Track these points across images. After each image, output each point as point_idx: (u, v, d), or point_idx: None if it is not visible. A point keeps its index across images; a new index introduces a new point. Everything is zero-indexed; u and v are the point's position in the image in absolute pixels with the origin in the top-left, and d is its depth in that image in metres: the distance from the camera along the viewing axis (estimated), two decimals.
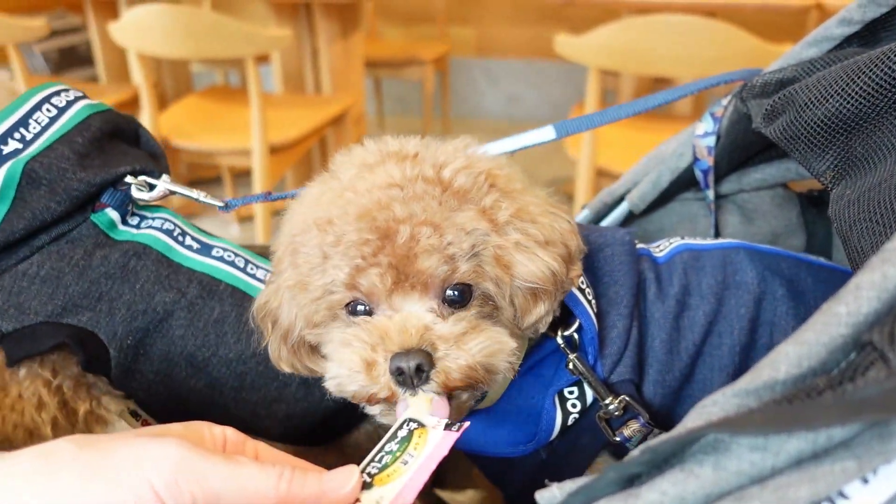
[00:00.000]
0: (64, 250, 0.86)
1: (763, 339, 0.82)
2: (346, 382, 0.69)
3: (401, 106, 5.25)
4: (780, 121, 0.79)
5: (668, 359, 0.81)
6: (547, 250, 0.72)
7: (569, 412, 0.80)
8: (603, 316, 0.81)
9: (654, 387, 0.81)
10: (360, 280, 0.69)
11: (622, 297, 0.81)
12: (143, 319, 0.87)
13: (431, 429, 0.64)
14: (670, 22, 2.25)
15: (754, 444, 0.43)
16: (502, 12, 4.97)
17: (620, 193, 1.11)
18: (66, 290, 0.84)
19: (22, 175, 0.82)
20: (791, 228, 1.04)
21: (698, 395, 0.81)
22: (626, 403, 0.78)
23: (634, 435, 0.78)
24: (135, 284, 0.87)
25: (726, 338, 0.82)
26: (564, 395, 0.80)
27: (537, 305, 0.74)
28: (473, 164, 0.74)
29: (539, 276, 0.71)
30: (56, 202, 0.84)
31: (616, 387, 0.79)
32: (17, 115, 0.86)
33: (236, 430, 0.64)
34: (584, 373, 0.78)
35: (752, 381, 0.46)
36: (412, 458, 0.61)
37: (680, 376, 0.82)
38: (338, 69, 3.35)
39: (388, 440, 0.64)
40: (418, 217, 0.68)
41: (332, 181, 0.75)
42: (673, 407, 0.83)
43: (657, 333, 0.82)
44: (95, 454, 0.54)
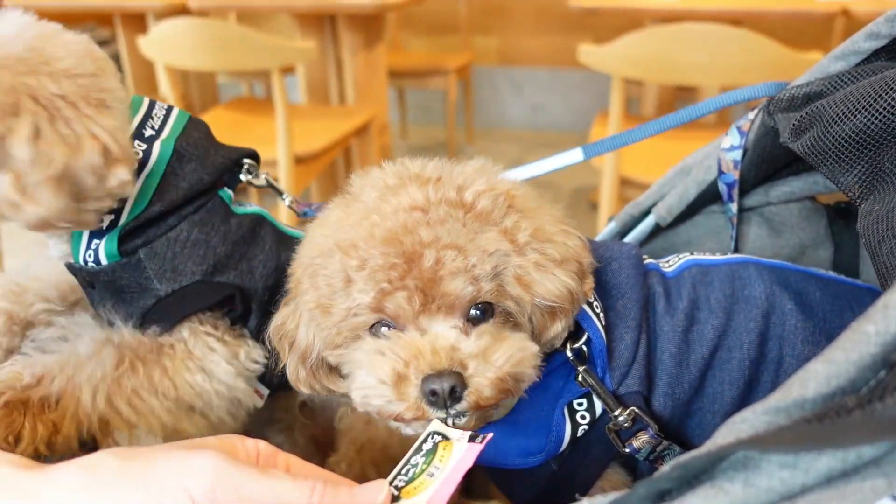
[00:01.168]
0: (206, 219, 0.94)
1: (772, 353, 0.82)
2: (373, 395, 0.70)
3: (424, 115, 5.28)
4: (807, 136, 0.79)
5: (677, 371, 0.82)
6: (563, 269, 0.74)
7: (578, 424, 0.81)
8: (611, 328, 0.82)
9: (664, 399, 0.82)
10: (387, 303, 0.70)
11: (630, 309, 0.83)
12: (274, 277, 0.96)
13: (456, 441, 0.66)
14: (695, 30, 2.25)
15: (784, 461, 0.43)
16: (525, 21, 4.98)
17: (647, 206, 1.11)
18: (215, 252, 0.93)
19: (173, 152, 0.92)
20: (819, 240, 1.04)
21: (708, 407, 0.82)
22: (635, 415, 0.79)
23: (644, 446, 0.79)
24: (264, 247, 0.97)
25: (736, 351, 0.82)
26: (574, 407, 0.81)
27: (555, 323, 0.76)
28: (494, 187, 0.75)
29: (557, 294, 0.73)
30: (207, 174, 0.94)
31: (625, 398, 0.80)
32: (143, 108, 0.94)
33: (268, 444, 0.65)
34: (594, 385, 0.79)
35: (781, 398, 0.47)
36: (438, 470, 0.63)
37: (690, 389, 0.83)
38: (362, 80, 3.38)
39: (414, 453, 0.65)
40: (443, 240, 0.69)
41: (354, 204, 0.77)
42: (683, 419, 0.84)
43: (666, 346, 0.83)
44: (137, 466, 0.55)
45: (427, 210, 0.72)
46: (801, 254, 1.04)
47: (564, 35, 4.88)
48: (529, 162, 1.02)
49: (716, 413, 0.83)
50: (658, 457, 0.81)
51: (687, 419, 0.84)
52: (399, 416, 0.69)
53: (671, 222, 1.09)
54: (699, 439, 0.84)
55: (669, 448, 0.80)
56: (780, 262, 0.91)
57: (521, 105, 5.23)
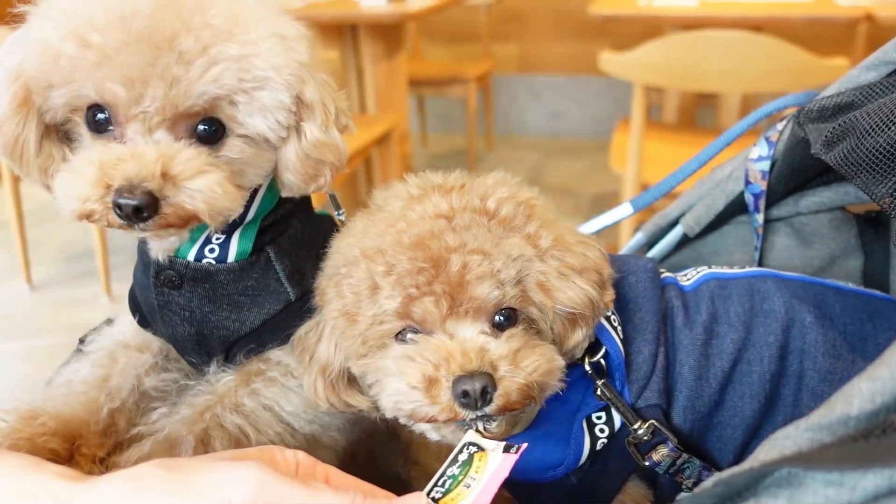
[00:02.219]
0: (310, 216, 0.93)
1: (793, 366, 0.82)
2: (404, 400, 0.71)
3: (444, 123, 5.29)
4: (840, 147, 0.79)
5: (697, 385, 0.83)
6: (583, 277, 0.75)
7: (597, 437, 0.81)
8: (629, 342, 0.83)
9: (684, 412, 0.83)
10: (414, 308, 0.71)
11: (647, 322, 0.83)
12: None
13: (491, 452, 0.66)
14: (717, 37, 2.24)
15: (829, 479, 0.43)
16: (544, 29, 4.98)
17: (674, 217, 1.11)
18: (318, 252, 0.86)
19: None
20: (849, 250, 1.03)
21: (729, 421, 0.83)
22: (655, 428, 0.79)
23: (663, 460, 0.80)
24: None
25: (756, 365, 0.82)
26: (592, 421, 0.82)
27: (575, 331, 0.77)
28: (515, 195, 0.77)
29: (578, 301, 0.74)
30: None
31: (644, 412, 0.81)
32: None
33: (307, 455, 0.66)
34: (612, 399, 0.80)
35: (825, 415, 0.47)
36: (474, 480, 0.63)
37: (710, 402, 0.83)
38: (382, 89, 3.39)
39: (450, 464, 0.66)
40: (469, 245, 0.71)
41: (378, 213, 0.78)
42: (704, 433, 0.84)
43: (686, 360, 0.83)
44: (181, 477, 0.57)
45: (452, 217, 0.73)
46: (830, 264, 1.03)
47: (583, 42, 4.88)
48: (549, 169, 1.03)
49: (737, 427, 0.83)
50: (678, 470, 0.81)
51: (707, 433, 0.84)
52: (432, 418, 0.70)
53: (699, 233, 1.09)
54: (720, 453, 0.84)
55: (689, 461, 0.81)
56: (800, 275, 0.91)
57: (540, 112, 5.23)
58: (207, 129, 0.75)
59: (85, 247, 3.56)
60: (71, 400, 0.87)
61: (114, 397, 0.88)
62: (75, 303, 3.14)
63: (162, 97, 0.71)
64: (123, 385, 0.90)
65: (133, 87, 0.71)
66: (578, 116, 5.15)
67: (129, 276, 0.95)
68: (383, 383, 0.74)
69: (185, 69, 0.70)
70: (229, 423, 0.83)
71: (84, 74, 0.71)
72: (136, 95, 0.71)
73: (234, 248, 0.85)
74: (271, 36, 0.76)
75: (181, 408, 0.87)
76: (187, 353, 0.93)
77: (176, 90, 0.71)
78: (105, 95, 0.72)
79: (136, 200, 0.69)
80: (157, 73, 0.70)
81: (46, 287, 3.28)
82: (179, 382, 0.94)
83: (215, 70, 0.71)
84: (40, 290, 3.26)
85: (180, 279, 0.86)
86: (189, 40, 0.70)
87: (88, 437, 0.84)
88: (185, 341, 0.90)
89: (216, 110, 0.75)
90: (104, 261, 3.07)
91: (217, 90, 0.72)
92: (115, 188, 0.70)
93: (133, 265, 0.93)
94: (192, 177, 0.73)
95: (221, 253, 0.85)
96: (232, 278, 0.86)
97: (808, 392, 0.82)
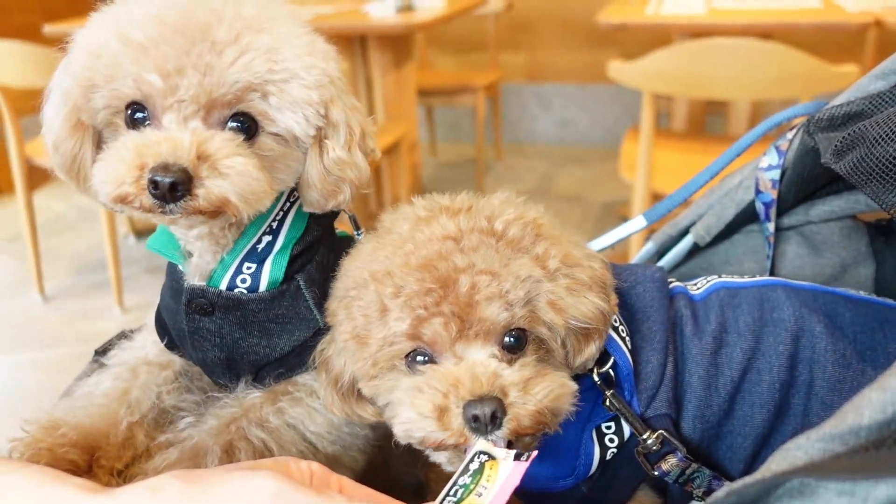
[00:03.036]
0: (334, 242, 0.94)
1: (803, 376, 0.82)
2: (415, 429, 0.71)
3: (453, 133, 5.30)
4: (850, 156, 0.79)
5: (706, 394, 0.83)
6: (594, 291, 0.76)
7: (607, 447, 0.82)
8: (637, 352, 0.83)
9: (694, 422, 0.83)
10: (423, 330, 0.72)
11: (655, 332, 0.84)
12: None
13: (502, 460, 0.66)
14: (726, 45, 2.24)
15: (842, 488, 0.43)
16: (552, 38, 4.99)
17: (685, 226, 1.11)
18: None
19: None
20: (860, 258, 1.03)
21: (739, 430, 0.83)
22: (664, 438, 0.80)
23: (673, 469, 0.80)
24: None
25: (765, 374, 0.83)
26: (602, 430, 0.82)
27: (588, 345, 0.78)
28: (522, 216, 0.78)
29: (591, 316, 0.75)
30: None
31: (653, 421, 0.81)
32: None
33: (321, 465, 0.66)
34: (621, 409, 0.80)
35: (836, 426, 0.47)
36: (486, 489, 0.64)
37: (719, 412, 0.83)
38: (391, 99, 3.41)
39: (461, 474, 0.66)
40: (478, 266, 0.72)
41: (386, 235, 0.79)
42: (713, 442, 0.84)
43: (695, 369, 0.83)
44: (199, 488, 0.57)
45: (460, 239, 0.74)
46: (842, 272, 1.03)
47: (591, 51, 4.89)
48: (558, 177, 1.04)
49: (746, 436, 0.83)
50: (688, 479, 0.81)
51: (717, 442, 0.84)
52: (442, 443, 0.71)
53: (709, 242, 1.09)
54: (730, 463, 0.84)
55: (699, 471, 0.81)
56: (810, 284, 0.91)
57: (549, 121, 5.24)
58: (240, 125, 0.78)
59: (97, 258, 3.59)
60: (91, 412, 0.88)
61: (134, 411, 0.90)
62: (87, 314, 3.17)
63: (196, 85, 0.74)
64: (144, 399, 0.91)
65: (169, 77, 0.73)
66: (587, 125, 5.15)
67: (139, 287, 0.96)
68: (395, 411, 0.75)
69: (217, 57, 0.73)
70: (254, 437, 0.84)
71: (124, 70, 0.74)
72: (171, 85, 0.74)
73: (265, 277, 0.86)
74: (301, 37, 0.79)
75: (208, 419, 0.88)
76: (216, 376, 0.94)
77: (209, 78, 0.73)
78: (143, 87, 0.74)
79: (171, 177, 0.71)
80: (192, 62, 0.73)
81: (59, 298, 3.31)
82: (207, 394, 0.95)
83: (246, 58, 0.74)
84: (53, 301, 3.29)
85: (212, 307, 0.87)
86: (222, 30, 0.74)
87: (107, 449, 0.85)
88: (215, 365, 0.91)
89: (248, 104, 0.77)
90: (116, 272, 3.09)
91: (249, 77, 0.75)
92: (150, 167, 0.72)
93: (145, 277, 0.95)
94: (227, 156, 0.75)
95: (253, 282, 0.86)
96: (263, 307, 0.87)
97: (817, 401, 0.82)
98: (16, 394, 2.65)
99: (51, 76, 0.82)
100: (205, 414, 0.89)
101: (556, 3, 4.88)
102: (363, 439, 0.92)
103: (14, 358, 2.87)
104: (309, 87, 0.78)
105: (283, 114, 0.78)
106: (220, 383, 0.94)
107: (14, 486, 0.57)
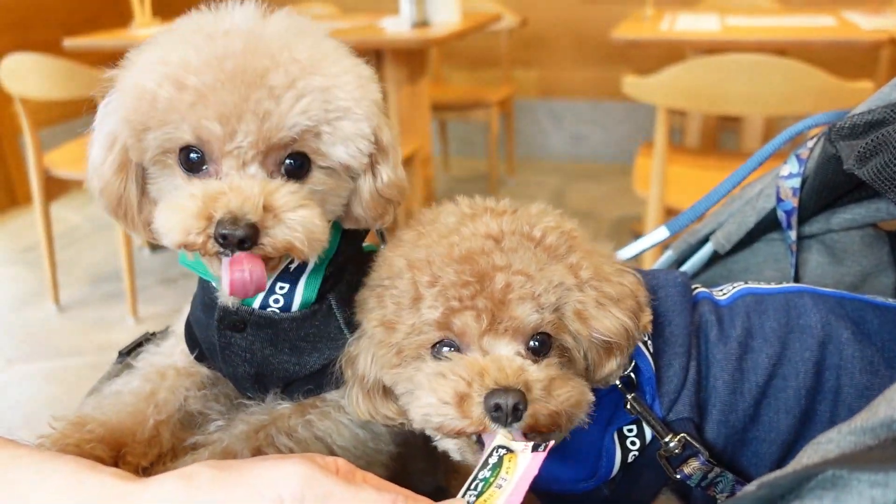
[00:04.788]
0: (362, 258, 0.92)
1: (830, 382, 0.83)
2: (434, 414, 0.72)
3: (466, 147, 5.32)
4: (873, 162, 0.80)
5: (731, 399, 0.83)
6: (619, 308, 0.77)
7: (628, 450, 0.83)
8: (659, 355, 0.84)
9: (718, 427, 0.83)
10: (454, 321, 0.73)
11: (677, 336, 0.85)
12: None
13: (520, 453, 0.68)
14: (740, 61, 2.25)
15: (875, 480, 0.44)
16: (565, 54, 5.02)
17: (704, 234, 1.12)
18: None
19: None
20: (881, 267, 1.03)
21: (765, 436, 0.83)
22: (685, 441, 0.80)
23: (695, 473, 0.81)
24: None
25: (791, 380, 0.83)
26: (624, 433, 0.83)
27: (610, 360, 0.79)
28: (559, 225, 0.80)
29: (614, 331, 0.76)
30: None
31: (674, 425, 0.82)
32: None
33: (346, 461, 0.67)
34: (642, 412, 0.81)
35: (868, 419, 0.47)
36: (505, 481, 0.65)
37: (744, 417, 0.83)
38: (405, 113, 3.43)
39: (481, 468, 0.68)
40: (515, 266, 0.73)
41: (430, 226, 0.80)
42: (739, 448, 0.85)
43: (720, 374, 0.84)
44: (231, 474, 0.59)
45: (501, 239, 0.76)
46: (863, 281, 1.03)
47: (604, 67, 4.91)
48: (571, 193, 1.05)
49: (772, 442, 0.83)
50: (710, 483, 0.82)
51: (742, 448, 0.84)
52: (461, 430, 0.72)
53: (729, 250, 1.10)
54: (756, 469, 0.84)
55: (722, 475, 0.81)
56: (837, 291, 0.91)
57: (561, 136, 5.25)
58: (294, 163, 0.78)
59: (112, 269, 3.61)
60: (119, 409, 0.89)
61: (161, 410, 0.90)
62: (102, 324, 3.18)
63: (255, 131, 0.74)
64: (171, 401, 0.92)
65: (228, 123, 0.74)
66: (600, 141, 5.17)
67: (154, 298, 0.97)
68: (415, 395, 0.76)
69: (275, 103, 0.74)
70: (281, 445, 0.85)
71: (180, 115, 0.74)
72: (230, 131, 0.74)
73: (298, 297, 0.86)
74: (349, 71, 0.80)
75: (237, 423, 0.88)
76: (245, 389, 0.95)
77: (268, 124, 0.74)
78: (201, 133, 0.75)
79: (241, 232, 0.72)
80: (251, 108, 0.73)
81: (74, 308, 3.33)
82: (234, 401, 0.96)
83: (304, 102, 0.75)
84: (68, 311, 3.31)
85: (244, 324, 0.87)
86: (279, 76, 0.74)
87: (134, 446, 0.86)
88: (245, 379, 0.92)
89: (302, 144, 0.78)
90: (131, 283, 3.11)
91: (306, 121, 0.75)
92: (218, 219, 0.72)
93: (160, 288, 0.95)
94: (293, 209, 0.75)
95: (286, 302, 0.87)
96: (295, 326, 0.87)
97: (844, 408, 0.82)
98: (30, 403, 2.66)
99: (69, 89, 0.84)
100: (234, 419, 0.90)
101: (570, 20, 4.91)
102: (387, 455, 0.92)
103: (29, 367, 2.89)
104: (360, 120, 0.79)
105: (335, 149, 0.79)
106: (248, 395, 0.95)
107: (53, 473, 0.58)
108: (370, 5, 4.89)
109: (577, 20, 4.89)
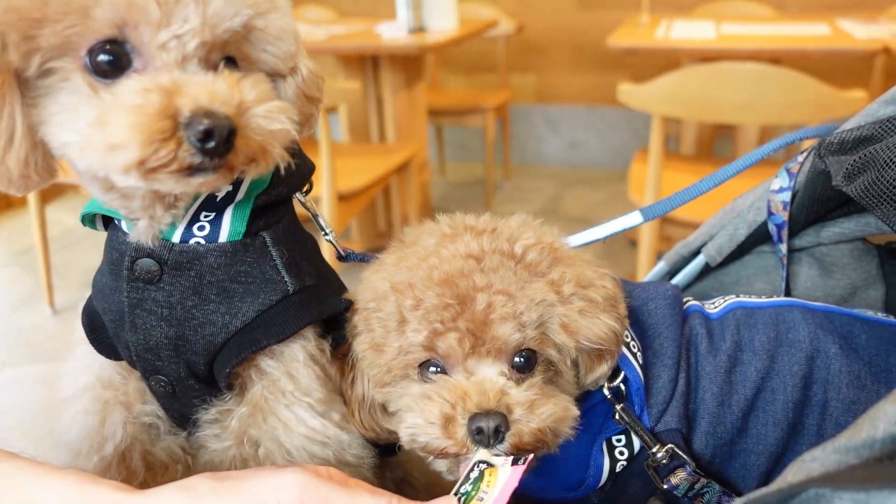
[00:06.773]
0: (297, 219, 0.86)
1: (817, 396, 0.84)
2: (420, 434, 0.74)
3: (462, 153, 5.33)
4: (861, 179, 0.81)
5: (719, 411, 0.84)
6: (607, 312, 0.79)
7: (617, 459, 0.84)
8: (648, 367, 0.85)
9: (706, 438, 0.85)
10: (439, 343, 0.75)
11: (667, 348, 0.86)
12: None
13: (500, 466, 0.70)
14: (735, 69, 2.26)
15: (857, 498, 0.44)
16: (562, 60, 5.03)
17: (696, 246, 1.13)
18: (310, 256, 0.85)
19: None
20: (870, 281, 1.04)
21: (752, 448, 0.84)
22: (673, 452, 0.81)
23: (682, 483, 0.82)
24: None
25: (779, 394, 0.84)
26: (612, 443, 0.84)
27: (601, 365, 0.81)
28: (540, 240, 0.81)
29: (603, 337, 0.78)
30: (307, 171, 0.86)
31: (663, 436, 0.83)
32: None
33: (338, 470, 0.69)
34: (630, 423, 0.82)
35: (851, 437, 0.48)
36: (486, 494, 0.67)
37: (732, 429, 0.85)
38: (402, 118, 3.44)
39: (462, 483, 0.70)
40: (495, 286, 0.74)
41: (411, 248, 0.82)
42: (727, 459, 0.86)
43: (709, 386, 0.85)
44: (231, 483, 0.60)
45: (481, 258, 0.77)
46: (852, 294, 1.04)
47: (601, 73, 4.92)
48: (566, 199, 1.05)
49: (760, 454, 0.84)
50: (697, 494, 0.83)
51: (730, 460, 0.86)
52: (444, 450, 0.73)
53: (721, 262, 1.11)
54: (744, 481, 0.85)
55: (709, 486, 0.82)
56: (826, 306, 0.92)
57: (557, 142, 5.26)
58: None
59: None
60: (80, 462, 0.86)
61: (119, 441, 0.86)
62: None
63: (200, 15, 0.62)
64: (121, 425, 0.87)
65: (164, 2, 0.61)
66: (596, 147, 5.18)
67: None
68: (402, 416, 0.77)
69: None
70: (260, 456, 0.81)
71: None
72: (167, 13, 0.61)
73: (226, 226, 0.76)
74: None
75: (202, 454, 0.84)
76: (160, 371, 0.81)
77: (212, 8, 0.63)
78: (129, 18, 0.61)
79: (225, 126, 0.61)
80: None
81: (69, 311, 3.32)
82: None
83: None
84: (63, 314, 3.30)
85: (160, 268, 0.75)
86: None
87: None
88: (160, 348, 0.79)
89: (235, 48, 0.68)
90: None
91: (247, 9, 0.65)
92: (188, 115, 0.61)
93: None
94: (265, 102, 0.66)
95: (212, 232, 0.76)
96: (223, 262, 0.76)
97: (831, 422, 0.83)
98: (25, 406, 2.66)
99: None
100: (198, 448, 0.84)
101: (567, 27, 4.92)
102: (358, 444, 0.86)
103: (23, 370, 2.89)
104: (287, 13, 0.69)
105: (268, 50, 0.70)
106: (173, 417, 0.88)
107: (55, 485, 0.59)
108: (367, 10, 4.91)
109: (574, 26, 4.90)
